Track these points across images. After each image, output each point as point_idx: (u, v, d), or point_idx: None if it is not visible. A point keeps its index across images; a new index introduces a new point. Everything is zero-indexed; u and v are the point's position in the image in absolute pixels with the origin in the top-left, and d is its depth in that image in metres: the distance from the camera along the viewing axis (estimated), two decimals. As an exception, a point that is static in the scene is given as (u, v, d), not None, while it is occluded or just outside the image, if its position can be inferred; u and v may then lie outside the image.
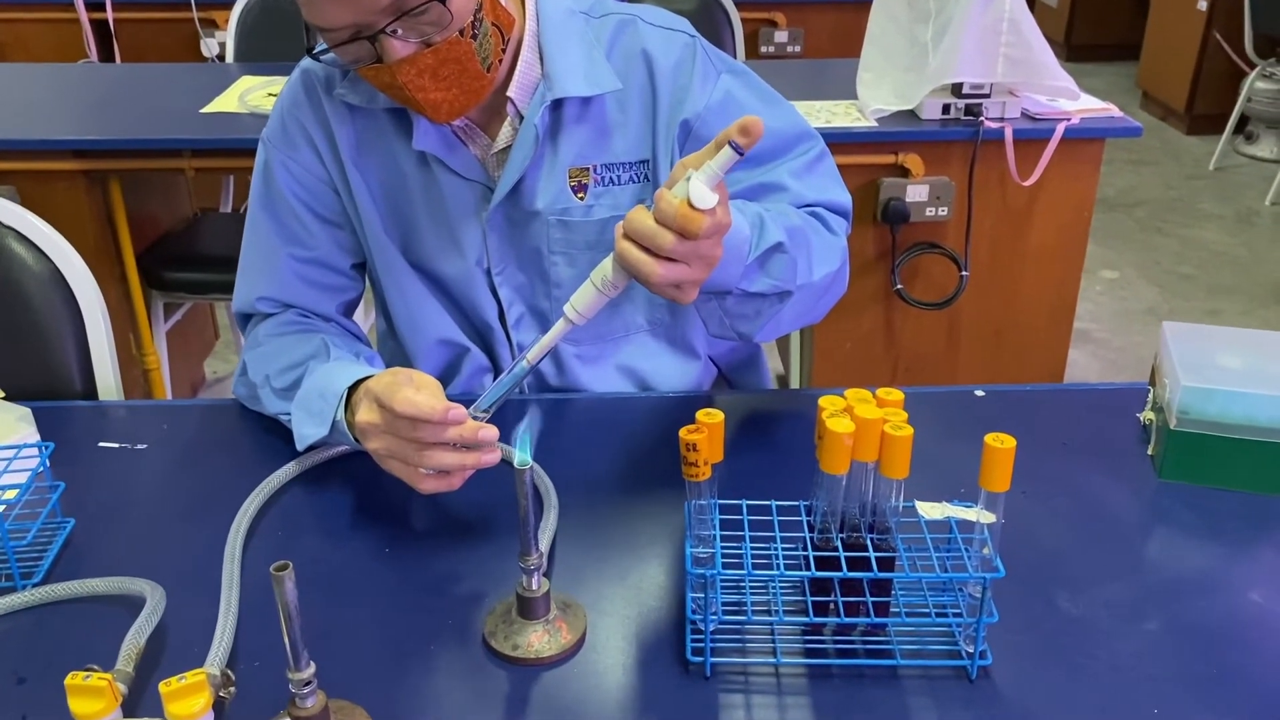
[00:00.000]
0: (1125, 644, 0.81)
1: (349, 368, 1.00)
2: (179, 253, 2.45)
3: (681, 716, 0.75)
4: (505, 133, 1.11)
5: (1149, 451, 1.05)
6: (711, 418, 0.75)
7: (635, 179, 1.14)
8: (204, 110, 2.19)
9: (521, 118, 1.10)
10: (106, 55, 3.42)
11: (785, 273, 1.00)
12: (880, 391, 0.78)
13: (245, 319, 1.19)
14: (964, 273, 2.17)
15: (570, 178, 1.12)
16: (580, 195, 1.13)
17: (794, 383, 2.47)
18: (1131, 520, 0.96)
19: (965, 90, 2.08)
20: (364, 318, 2.15)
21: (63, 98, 2.32)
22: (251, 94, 2.26)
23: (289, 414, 1.02)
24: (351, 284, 1.21)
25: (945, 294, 2.20)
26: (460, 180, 1.12)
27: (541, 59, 1.09)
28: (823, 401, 0.77)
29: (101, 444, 1.08)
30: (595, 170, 1.13)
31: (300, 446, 1.00)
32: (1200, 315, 3.26)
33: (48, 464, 0.95)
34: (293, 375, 1.05)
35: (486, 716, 0.75)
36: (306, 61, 1.14)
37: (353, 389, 0.97)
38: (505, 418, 0.87)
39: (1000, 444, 0.71)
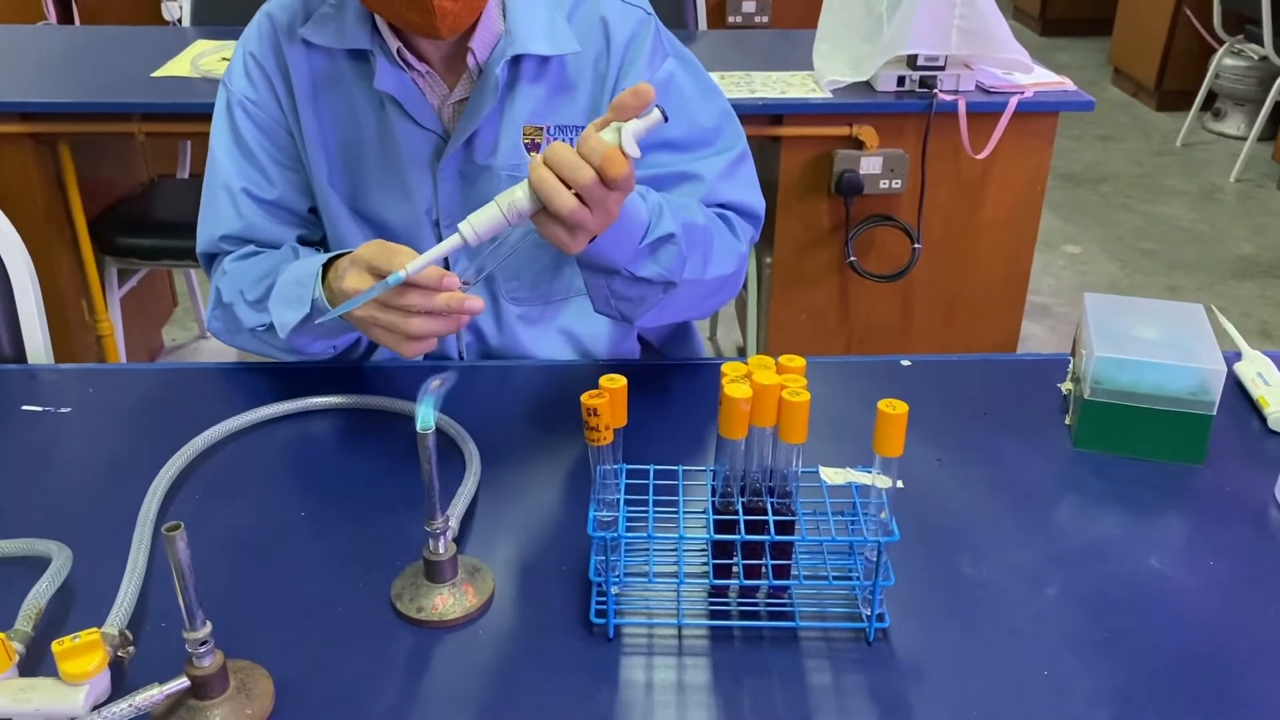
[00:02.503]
0: (1022, 608, 0.83)
1: (318, 256, 1.04)
2: (133, 218, 2.42)
3: (583, 677, 0.76)
4: (463, 84, 1.13)
5: (1067, 421, 1.06)
6: (614, 383, 0.76)
7: None
8: (155, 74, 2.16)
9: (481, 71, 1.11)
10: (65, 17, 3.37)
11: (673, 264, 1.03)
12: (782, 358, 0.79)
13: (210, 259, 1.20)
14: (916, 245, 2.18)
15: (524, 135, 1.14)
16: (533, 153, 1.14)
17: (751, 354, 2.48)
18: (1043, 488, 0.98)
19: (920, 62, 2.08)
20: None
21: (14, 60, 2.29)
22: (204, 58, 2.23)
23: (265, 324, 1.07)
24: (311, 225, 1.21)
25: (899, 266, 2.21)
26: (415, 128, 1.13)
27: (504, 15, 1.11)
28: (725, 368, 0.77)
29: (25, 407, 1.07)
30: (549, 131, 1.14)
31: (282, 334, 1.04)
32: (1159, 291, 3.29)
33: (-38, 426, 0.94)
34: (265, 284, 1.09)
35: (388, 677, 0.76)
36: (269, 5, 1.15)
37: (327, 269, 1.01)
38: (417, 379, 0.87)
39: (893, 409, 0.72)
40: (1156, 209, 3.90)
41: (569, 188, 0.84)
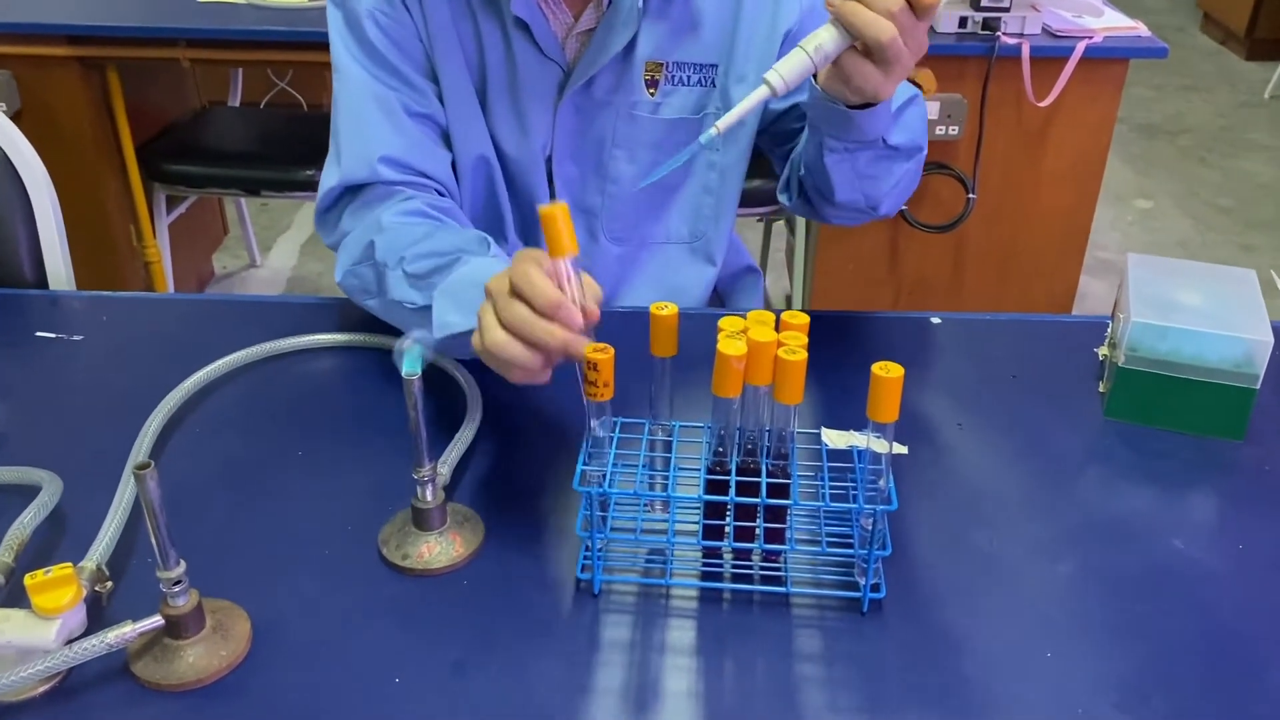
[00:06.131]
0: (1030, 585, 0.79)
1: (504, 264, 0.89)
2: (182, 145, 2.43)
3: (565, 633, 0.74)
4: (589, 14, 1.08)
5: (1100, 388, 1.01)
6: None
7: (702, 83, 1.13)
8: (203, 0, 2.15)
9: (609, 2, 1.06)
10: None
11: (918, 126, 1.05)
12: (785, 315, 0.75)
13: (337, 198, 1.07)
14: (971, 195, 2.10)
15: (645, 70, 1.11)
16: (651, 91, 1.12)
17: (797, 304, 2.43)
18: (1068, 459, 0.93)
19: (984, 3, 1.99)
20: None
21: (65, -18, 2.29)
22: (252, -16, 2.21)
23: (415, 303, 0.94)
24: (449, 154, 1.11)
25: (952, 216, 2.14)
26: (540, 59, 1.08)
27: None
28: (722, 323, 0.74)
29: (39, 334, 1.07)
30: (668, 67, 1.11)
31: (439, 334, 0.89)
32: (1233, 250, 3.15)
33: (-32, 351, 0.94)
34: (433, 262, 0.94)
35: (367, 624, 0.75)
36: None
37: None
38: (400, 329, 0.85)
39: (886, 373, 0.67)
40: (1237, 164, 3.73)
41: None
